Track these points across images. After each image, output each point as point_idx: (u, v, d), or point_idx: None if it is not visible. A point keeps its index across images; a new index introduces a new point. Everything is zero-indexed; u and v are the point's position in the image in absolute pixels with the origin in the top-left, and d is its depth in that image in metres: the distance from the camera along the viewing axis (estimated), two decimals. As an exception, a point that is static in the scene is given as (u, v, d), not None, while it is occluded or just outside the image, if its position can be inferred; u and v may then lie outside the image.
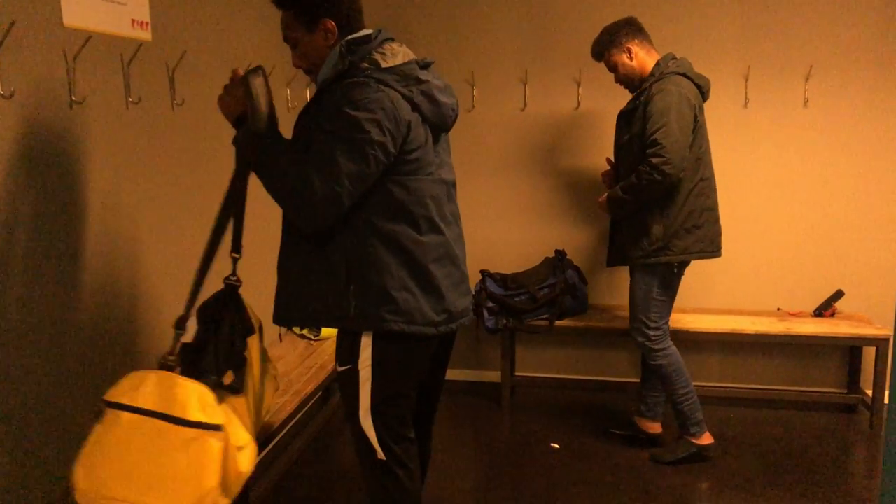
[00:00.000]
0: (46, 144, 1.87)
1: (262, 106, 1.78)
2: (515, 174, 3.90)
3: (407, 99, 1.81)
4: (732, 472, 3.01)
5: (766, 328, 3.45)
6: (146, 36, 2.27)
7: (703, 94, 2.93)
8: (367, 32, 1.91)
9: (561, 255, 3.71)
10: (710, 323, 3.53)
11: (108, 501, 1.52)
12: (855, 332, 3.38)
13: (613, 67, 3.00)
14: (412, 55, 1.90)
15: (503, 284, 3.60)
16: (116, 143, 2.16)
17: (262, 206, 2.01)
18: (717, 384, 3.83)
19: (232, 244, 1.96)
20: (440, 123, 1.94)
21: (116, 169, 2.16)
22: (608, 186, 3.11)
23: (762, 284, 3.76)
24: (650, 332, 2.98)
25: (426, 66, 1.93)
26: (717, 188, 3.00)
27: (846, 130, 3.59)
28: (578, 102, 3.78)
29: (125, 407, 1.54)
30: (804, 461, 3.11)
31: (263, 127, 1.80)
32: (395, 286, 1.84)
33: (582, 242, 3.87)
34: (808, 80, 3.57)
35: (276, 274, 1.97)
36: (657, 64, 2.91)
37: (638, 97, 2.91)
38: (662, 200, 2.85)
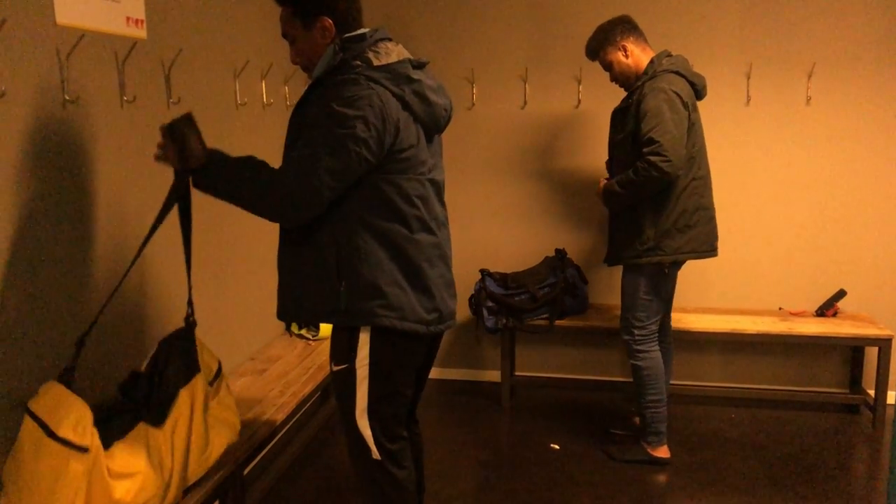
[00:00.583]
0: (39, 144, 1.85)
1: (192, 144, 1.82)
2: (515, 172, 3.88)
3: (398, 97, 1.82)
4: (733, 472, 3.00)
5: (767, 328, 3.43)
6: (141, 34, 2.25)
7: (697, 92, 2.89)
8: (362, 31, 1.92)
9: (561, 254, 3.68)
10: (711, 322, 3.52)
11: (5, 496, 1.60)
12: (857, 332, 3.37)
13: (608, 66, 2.97)
14: (407, 55, 1.91)
15: (503, 284, 3.59)
16: (111, 142, 2.14)
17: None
18: (718, 384, 3.82)
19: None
20: (432, 124, 1.94)
21: (111, 169, 2.14)
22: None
23: (764, 283, 3.74)
24: (636, 330, 2.97)
25: (420, 66, 1.93)
26: (712, 186, 2.96)
27: (849, 128, 3.57)
28: (579, 100, 3.75)
29: (28, 410, 1.61)
30: (806, 462, 3.09)
31: (204, 158, 1.84)
32: (386, 281, 1.85)
33: (582, 241, 3.85)
34: (810, 77, 3.54)
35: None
36: (651, 62, 2.87)
37: (631, 95, 2.88)
38: (654, 199, 2.82)
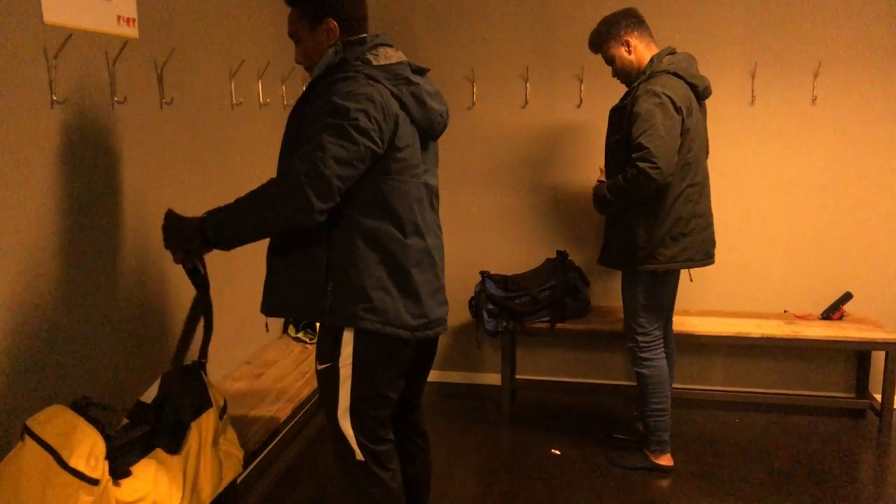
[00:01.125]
0: (27, 145, 1.81)
1: (182, 218, 1.85)
2: (516, 172, 3.83)
3: (395, 96, 1.85)
4: (738, 477, 2.95)
5: (772, 331, 3.38)
6: (133, 33, 2.20)
7: (698, 94, 2.79)
8: (364, 35, 1.96)
9: (563, 255, 3.63)
10: (715, 326, 3.47)
11: None
12: (864, 335, 3.32)
13: (611, 60, 2.90)
14: (406, 59, 1.94)
15: (503, 286, 3.54)
16: (101, 143, 2.09)
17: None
18: (722, 388, 3.77)
19: (200, 351, 2.07)
20: (428, 128, 1.96)
21: (101, 170, 2.10)
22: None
23: (769, 286, 3.69)
24: (639, 337, 2.92)
25: (420, 71, 1.97)
26: (710, 193, 2.90)
27: (855, 129, 3.51)
28: (581, 100, 3.70)
29: (33, 434, 1.58)
30: (811, 467, 3.05)
31: (199, 221, 1.83)
32: (372, 285, 1.86)
33: (584, 242, 3.80)
34: (816, 76, 3.49)
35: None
36: (650, 61, 2.78)
37: (628, 94, 2.82)
38: (647, 207, 2.75)
